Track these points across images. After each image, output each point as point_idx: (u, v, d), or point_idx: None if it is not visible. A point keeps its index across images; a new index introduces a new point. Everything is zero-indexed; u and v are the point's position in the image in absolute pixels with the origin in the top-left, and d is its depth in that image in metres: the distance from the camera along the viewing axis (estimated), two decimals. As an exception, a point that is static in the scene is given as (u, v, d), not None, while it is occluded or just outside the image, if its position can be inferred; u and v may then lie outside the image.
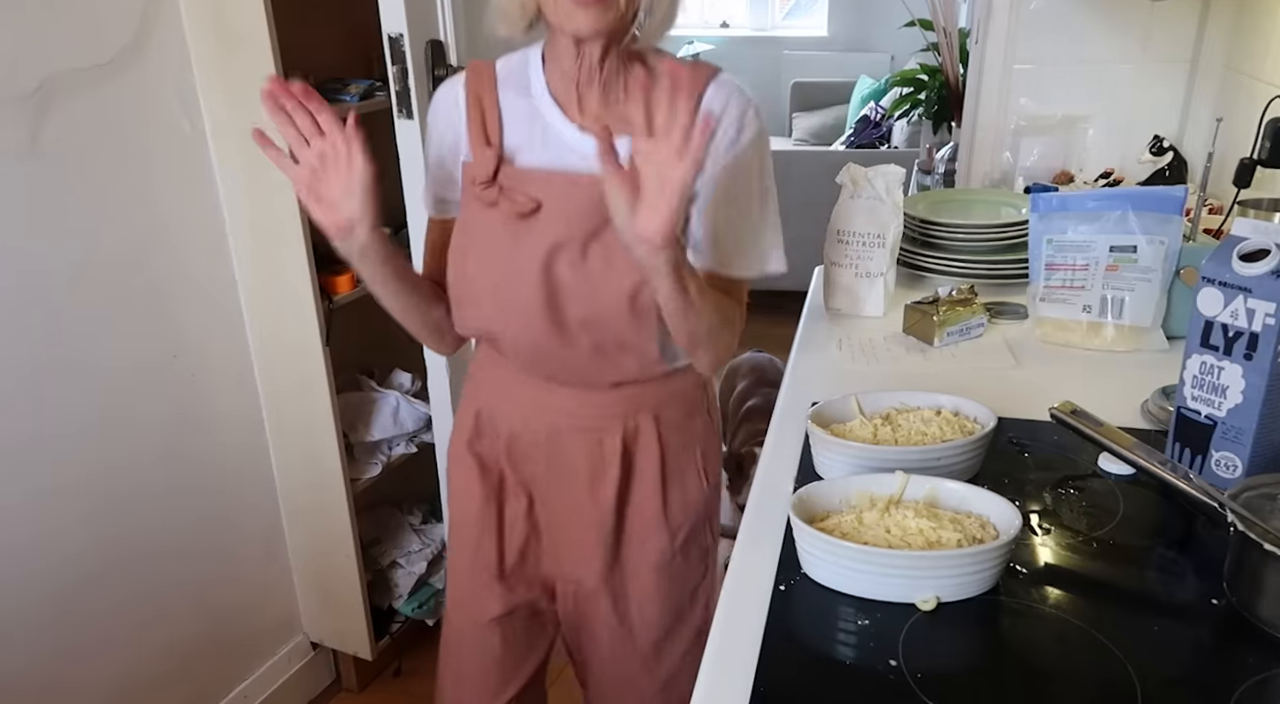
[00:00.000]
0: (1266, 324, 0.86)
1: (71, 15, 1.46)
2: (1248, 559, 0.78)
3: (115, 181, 1.57)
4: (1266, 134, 1.48)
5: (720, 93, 1.09)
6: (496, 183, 1.10)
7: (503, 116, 1.12)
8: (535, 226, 1.09)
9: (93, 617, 1.64)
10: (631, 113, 1.03)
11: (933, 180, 2.53)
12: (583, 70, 1.08)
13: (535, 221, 1.08)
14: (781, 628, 0.80)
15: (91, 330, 1.57)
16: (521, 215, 1.09)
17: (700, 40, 6.21)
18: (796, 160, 4.26)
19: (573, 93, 1.10)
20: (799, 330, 1.48)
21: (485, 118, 1.12)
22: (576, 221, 1.07)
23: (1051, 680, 0.73)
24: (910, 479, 0.89)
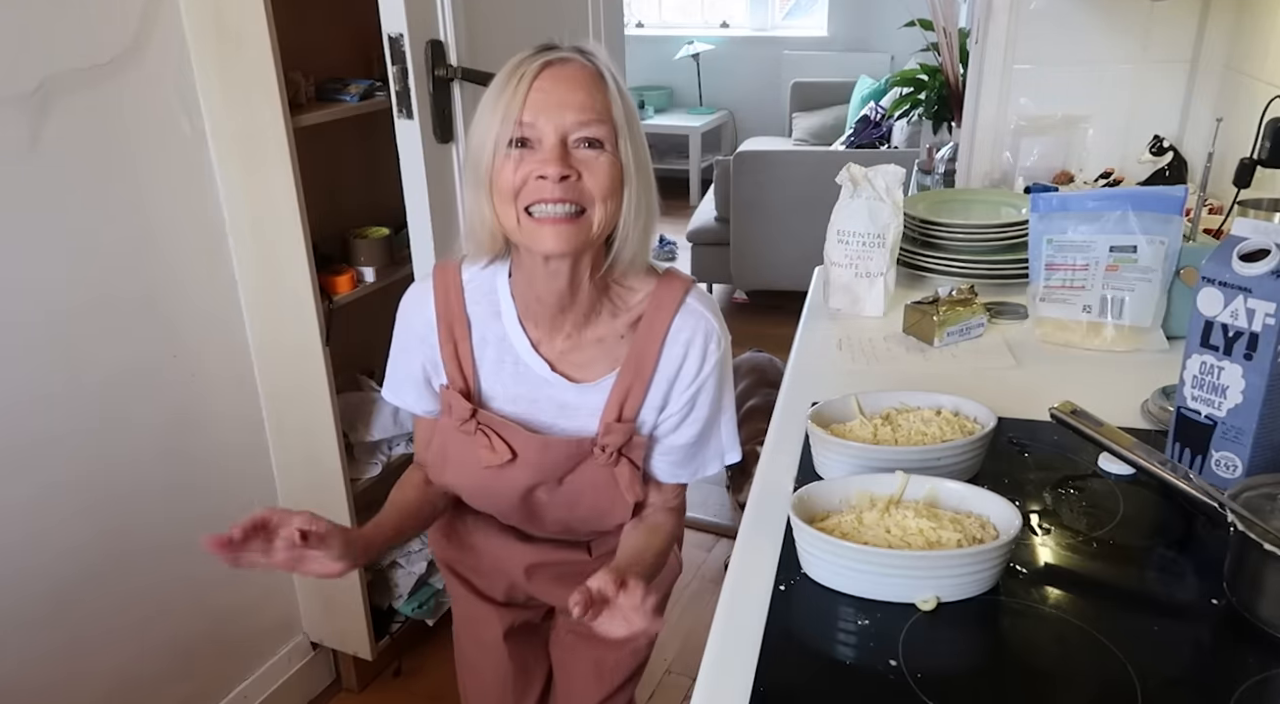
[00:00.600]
0: (1266, 324, 0.86)
1: (71, 15, 1.46)
2: (1248, 559, 0.78)
3: (115, 181, 1.57)
4: (1266, 134, 1.48)
5: (687, 323, 1.09)
6: (473, 421, 1.13)
7: (474, 346, 1.12)
8: (512, 468, 1.14)
9: (92, 615, 1.64)
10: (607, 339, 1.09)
11: (933, 180, 2.52)
12: (560, 300, 1.07)
13: (511, 464, 1.13)
14: (781, 628, 0.80)
15: (91, 330, 1.57)
16: (487, 466, 1.13)
17: (700, 40, 6.22)
18: (796, 160, 4.26)
19: (544, 318, 1.09)
20: (799, 330, 1.48)
21: (458, 350, 1.12)
22: (550, 470, 1.14)
23: (1051, 680, 0.73)
24: (910, 479, 0.89)
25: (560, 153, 0.97)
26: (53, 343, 1.52)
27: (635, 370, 1.09)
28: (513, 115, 0.96)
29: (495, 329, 1.11)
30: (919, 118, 3.65)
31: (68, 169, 1.50)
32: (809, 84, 5.71)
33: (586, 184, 0.98)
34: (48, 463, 1.54)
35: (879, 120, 4.67)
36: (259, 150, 1.68)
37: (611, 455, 1.12)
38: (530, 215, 0.99)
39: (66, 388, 1.54)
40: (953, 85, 2.76)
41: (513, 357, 1.11)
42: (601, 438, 1.11)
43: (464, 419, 1.12)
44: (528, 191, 0.98)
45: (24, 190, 1.45)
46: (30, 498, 1.52)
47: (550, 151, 0.97)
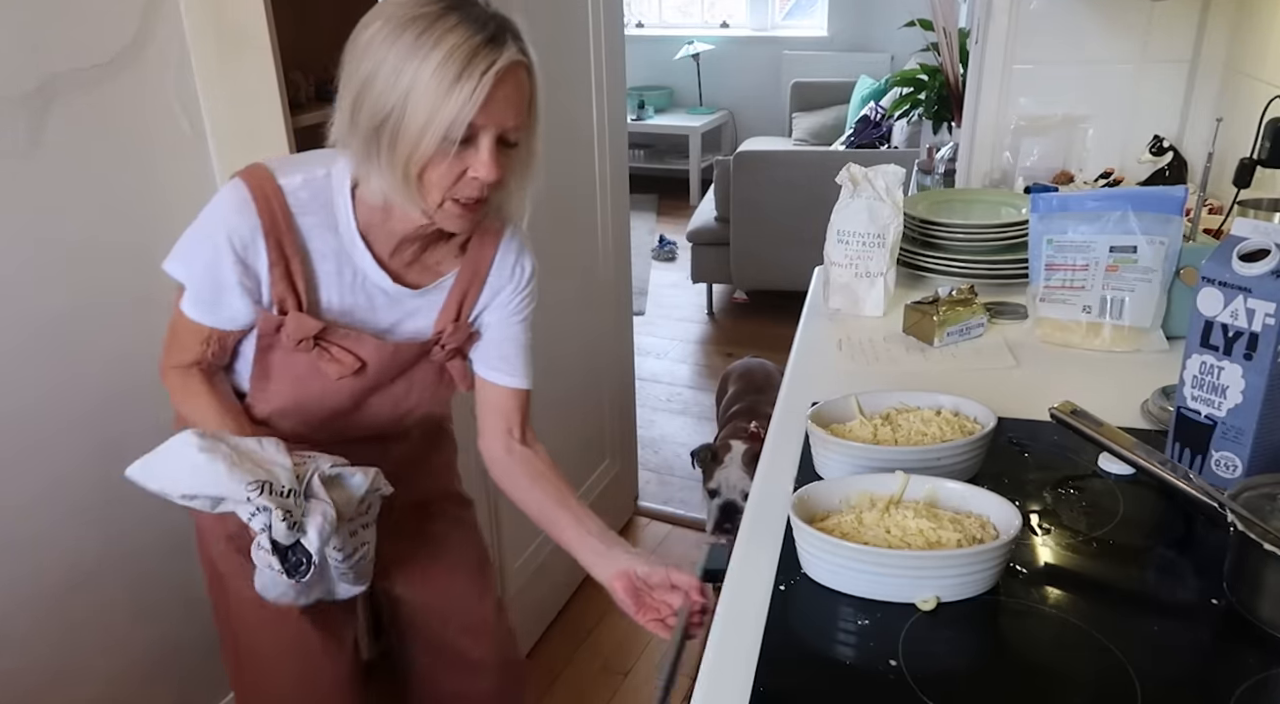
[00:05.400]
0: (1266, 324, 0.86)
1: (71, 15, 1.46)
2: (1248, 559, 0.78)
3: (115, 181, 1.57)
4: (1266, 134, 1.48)
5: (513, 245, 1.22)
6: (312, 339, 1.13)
7: (313, 261, 1.11)
8: (356, 376, 1.17)
9: (90, 614, 1.64)
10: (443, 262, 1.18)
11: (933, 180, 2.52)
12: (418, 237, 1.13)
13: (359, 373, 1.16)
14: (781, 628, 0.80)
15: (92, 330, 1.57)
16: (342, 376, 1.15)
17: (700, 40, 6.22)
18: (796, 160, 4.26)
19: (390, 242, 1.12)
20: (799, 330, 1.48)
21: (290, 267, 1.10)
22: (391, 371, 1.19)
23: (1051, 680, 0.73)
24: (910, 479, 0.89)
25: (494, 155, 1.00)
26: (52, 342, 1.52)
27: (472, 273, 1.20)
28: (465, 117, 0.96)
29: (331, 242, 1.11)
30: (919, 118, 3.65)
31: (68, 169, 1.50)
32: (809, 84, 5.71)
33: (504, 178, 1.03)
34: (46, 463, 1.54)
35: (879, 120, 4.67)
36: (259, 150, 1.68)
37: (448, 352, 1.22)
38: (455, 204, 1.03)
39: (65, 387, 1.54)
40: (953, 85, 2.76)
41: (352, 269, 1.13)
42: (445, 337, 1.20)
43: (303, 338, 1.12)
44: (458, 188, 1.02)
45: (24, 190, 1.44)
46: (28, 498, 1.52)
47: (487, 154, 1.00)
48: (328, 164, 1.10)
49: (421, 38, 0.96)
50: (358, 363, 1.16)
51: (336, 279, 1.13)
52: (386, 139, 0.99)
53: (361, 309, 1.15)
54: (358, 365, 1.16)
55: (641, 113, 6.08)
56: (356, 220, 1.11)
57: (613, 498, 2.68)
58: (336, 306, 1.14)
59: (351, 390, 1.19)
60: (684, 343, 4.16)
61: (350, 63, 1.01)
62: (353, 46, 1.02)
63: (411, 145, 0.98)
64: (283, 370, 1.17)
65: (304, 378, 1.17)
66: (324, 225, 1.10)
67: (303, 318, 1.11)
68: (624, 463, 2.74)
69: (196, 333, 1.15)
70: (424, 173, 1.00)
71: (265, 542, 1.02)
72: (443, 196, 1.02)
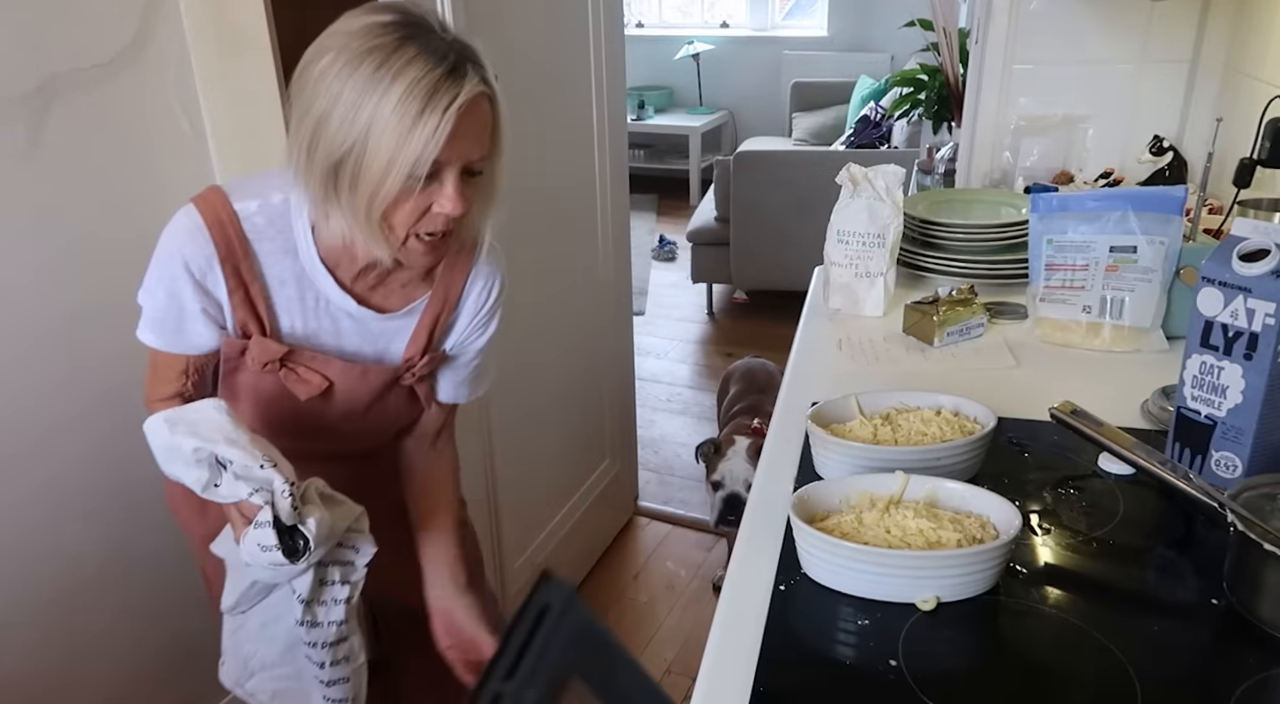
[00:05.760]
0: (1266, 324, 0.86)
1: (71, 15, 1.46)
2: (1248, 559, 0.78)
3: (115, 181, 1.57)
4: (1266, 134, 1.48)
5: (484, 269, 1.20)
6: (277, 362, 1.11)
7: (269, 287, 1.09)
8: (324, 398, 1.15)
9: (92, 617, 1.64)
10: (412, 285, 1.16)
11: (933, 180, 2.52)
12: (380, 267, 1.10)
13: (327, 394, 1.15)
14: (781, 628, 0.80)
15: (92, 331, 1.57)
16: (309, 397, 1.14)
17: (700, 40, 6.22)
18: (796, 160, 4.26)
19: (353, 267, 1.10)
20: (799, 330, 1.48)
21: (249, 292, 1.08)
22: (362, 398, 1.17)
23: (1051, 680, 0.73)
24: (910, 479, 0.89)
25: (459, 188, 0.98)
26: (53, 343, 1.52)
27: (443, 299, 1.18)
28: (430, 154, 0.93)
29: (290, 267, 1.09)
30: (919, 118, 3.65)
31: (68, 169, 1.50)
32: (809, 84, 5.71)
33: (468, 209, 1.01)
34: (48, 464, 1.54)
35: (879, 120, 4.67)
36: (259, 150, 1.68)
37: (418, 377, 1.21)
38: (419, 240, 1.02)
39: (67, 388, 1.54)
40: (953, 85, 2.76)
41: (315, 293, 1.11)
42: (417, 366, 1.19)
43: (268, 361, 1.11)
44: (423, 223, 1.00)
45: (24, 190, 1.44)
46: (31, 499, 1.52)
47: (453, 189, 0.97)
48: (285, 189, 1.07)
49: (379, 71, 0.92)
50: (325, 383, 1.14)
51: (299, 304, 1.11)
52: (347, 179, 0.96)
53: (326, 333, 1.13)
54: (325, 385, 1.14)
55: (641, 113, 6.08)
56: (316, 246, 1.09)
57: (613, 498, 2.68)
58: (300, 331, 1.13)
59: (321, 412, 1.17)
60: (684, 343, 4.16)
61: (302, 97, 0.96)
62: (303, 79, 0.96)
63: (374, 185, 0.95)
64: (250, 392, 1.16)
65: (273, 399, 1.15)
66: (282, 251, 1.08)
67: (266, 342, 1.10)
68: (624, 463, 2.74)
69: (173, 364, 1.14)
70: (388, 212, 0.98)
71: (266, 516, 1.01)
72: (407, 233, 1.00)
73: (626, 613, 2.41)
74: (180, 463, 1.03)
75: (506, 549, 2.07)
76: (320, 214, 1.02)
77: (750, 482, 2.17)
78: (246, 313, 1.09)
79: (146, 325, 1.12)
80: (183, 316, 1.09)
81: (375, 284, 1.13)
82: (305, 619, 1.12)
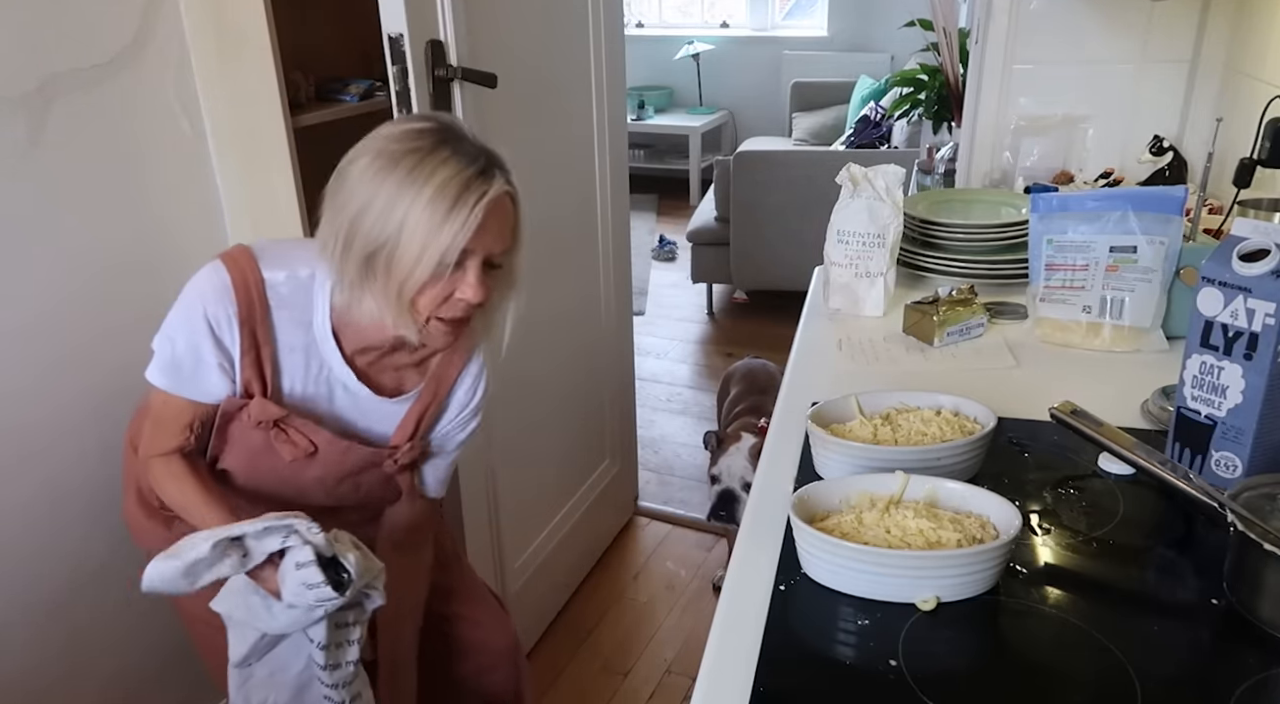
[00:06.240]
0: (1266, 324, 0.86)
1: (71, 15, 1.46)
2: (1248, 559, 0.78)
3: (115, 181, 1.57)
4: (1266, 134, 1.48)
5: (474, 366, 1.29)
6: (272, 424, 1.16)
7: (279, 352, 1.15)
8: (308, 461, 1.20)
9: (96, 613, 1.64)
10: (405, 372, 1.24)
11: (933, 180, 2.52)
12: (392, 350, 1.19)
13: (311, 458, 1.20)
14: (781, 628, 0.80)
15: (92, 331, 1.57)
16: (293, 459, 1.19)
17: (700, 40, 6.22)
18: (796, 160, 4.26)
19: (359, 342, 1.17)
20: (799, 330, 1.48)
21: (260, 355, 1.14)
22: (338, 473, 1.23)
23: (1051, 680, 0.73)
24: (910, 479, 0.89)
25: (481, 277, 1.05)
26: (53, 343, 1.52)
27: (433, 393, 1.26)
28: (459, 244, 1.02)
29: (302, 338, 1.16)
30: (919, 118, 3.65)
31: (68, 169, 1.50)
32: (809, 84, 5.71)
33: (487, 298, 1.08)
34: (48, 463, 1.54)
35: (879, 120, 4.67)
36: (259, 150, 1.68)
37: (399, 466, 1.27)
38: (440, 322, 1.08)
39: (67, 388, 1.54)
40: (953, 85, 2.76)
41: (319, 361, 1.17)
42: (401, 454, 1.26)
43: (263, 420, 1.16)
44: (445, 308, 1.07)
45: (24, 190, 1.44)
46: (31, 499, 1.52)
47: (475, 277, 1.05)
48: (313, 265, 1.14)
49: (415, 171, 1.01)
50: (311, 447, 1.19)
51: (303, 370, 1.17)
52: (381, 266, 1.03)
53: (322, 400, 1.20)
54: (311, 449, 1.19)
55: (641, 113, 6.08)
56: (331, 321, 1.15)
57: (613, 498, 2.68)
58: (299, 395, 1.19)
59: (301, 474, 1.23)
60: (684, 343, 4.16)
61: (340, 194, 1.05)
62: (341, 179, 1.06)
63: (406, 272, 1.03)
64: (240, 442, 1.20)
65: (258, 453, 1.20)
66: (298, 321, 1.15)
67: (265, 404, 1.16)
68: (624, 463, 2.74)
69: (181, 416, 1.18)
70: (415, 296, 1.05)
71: (306, 555, 1.05)
72: (429, 316, 1.07)
73: (626, 613, 2.41)
74: (206, 569, 1.07)
75: (506, 549, 2.07)
76: (355, 298, 1.09)
77: (747, 480, 2.17)
78: (253, 373, 1.14)
79: (160, 369, 1.16)
80: (199, 366, 1.14)
81: (374, 362, 1.21)
82: (328, 663, 1.16)
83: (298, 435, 1.18)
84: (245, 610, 1.14)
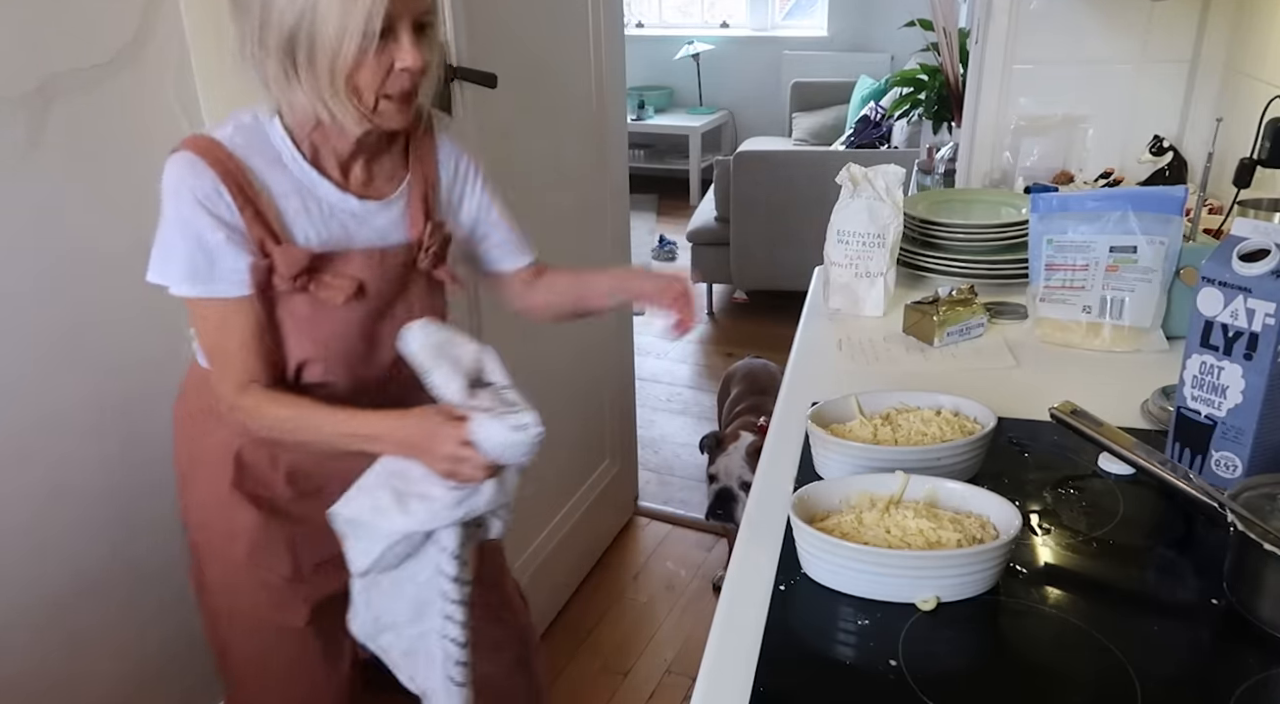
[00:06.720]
0: (1266, 324, 0.86)
1: (71, 15, 1.46)
2: (1248, 559, 0.78)
3: (115, 181, 1.57)
4: (1266, 134, 1.48)
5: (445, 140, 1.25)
6: (306, 274, 1.11)
7: (275, 198, 1.10)
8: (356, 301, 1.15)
9: (97, 614, 1.64)
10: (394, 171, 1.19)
11: (933, 180, 2.52)
12: (362, 149, 1.13)
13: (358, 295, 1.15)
14: (781, 628, 0.80)
15: (92, 332, 1.57)
16: (346, 299, 1.14)
17: (700, 40, 6.22)
18: (796, 160, 4.26)
19: (337, 163, 1.13)
20: (799, 330, 1.48)
21: (259, 208, 1.09)
22: (386, 289, 1.18)
23: (1051, 680, 0.73)
24: (910, 479, 0.89)
25: (415, 41, 1.01)
26: (51, 345, 1.52)
27: (423, 176, 1.21)
28: (380, 8, 0.96)
29: (285, 179, 1.11)
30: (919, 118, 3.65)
31: (68, 169, 1.50)
32: (809, 84, 5.71)
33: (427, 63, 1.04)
34: (48, 462, 1.53)
35: (879, 120, 4.67)
36: (259, 150, 1.68)
37: (433, 257, 1.22)
38: (390, 100, 1.04)
39: (67, 389, 1.54)
40: (953, 85, 2.76)
41: (316, 201, 1.12)
42: (426, 239, 1.20)
43: (298, 271, 1.10)
44: (388, 84, 1.02)
45: (24, 190, 1.44)
46: (31, 498, 1.52)
47: (409, 42, 1.00)
48: (251, 109, 1.11)
49: None
50: (354, 283, 1.14)
51: (305, 215, 1.12)
52: (304, 53, 0.99)
53: (338, 240, 1.14)
54: (355, 285, 1.14)
55: (641, 113, 6.08)
56: (300, 150, 1.11)
57: (613, 498, 2.68)
58: (315, 241, 1.13)
59: (360, 321, 1.17)
60: (684, 343, 4.16)
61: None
62: None
63: (332, 51, 0.98)
64: (288, 322, 1.14)
65: (309, 320, 1.14)
66: (271, 163, 1.10)
67: (288, 249, 1.09)
68: (624, 463, 2.74)
69: (230, 334, 1.11)
70: (352, 80, 1.00)
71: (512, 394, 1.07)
72: (376, 97, 1.03)
73: (626, 613, 2.41)
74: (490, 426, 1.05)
75: (506, 549, 2.07)
76: (284, 102, 1.05)
77: (744, 479, 2.17)
78: (261, 228, 1.08)
79: (182, 279, 1.10)
80: (211, 253, 1.08)
81: (365, 179, 1.16)
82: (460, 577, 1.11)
83: (334, 277, 1.12)
84: (373, 511, 1.07)
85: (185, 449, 1.30)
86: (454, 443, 1.04)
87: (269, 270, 1.10)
